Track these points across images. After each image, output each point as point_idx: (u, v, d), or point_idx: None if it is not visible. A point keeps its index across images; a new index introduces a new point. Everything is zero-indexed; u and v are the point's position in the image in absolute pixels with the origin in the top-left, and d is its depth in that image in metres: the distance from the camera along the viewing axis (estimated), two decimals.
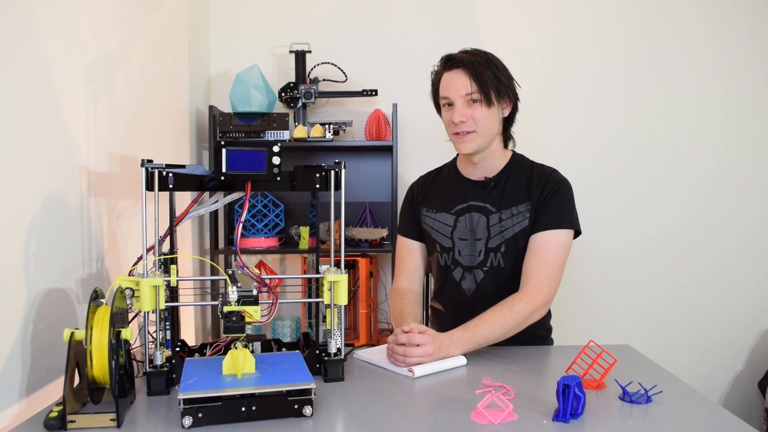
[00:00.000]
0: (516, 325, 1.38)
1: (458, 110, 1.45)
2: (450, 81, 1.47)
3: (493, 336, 1.36)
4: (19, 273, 1.14)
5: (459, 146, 1.50)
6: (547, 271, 1.43)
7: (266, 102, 2.34)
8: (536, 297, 1.41)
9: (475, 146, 1.48)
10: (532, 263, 1.45)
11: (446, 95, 1.48)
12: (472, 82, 1.44)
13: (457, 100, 1.46)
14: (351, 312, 2.48)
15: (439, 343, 1.29)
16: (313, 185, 1.24)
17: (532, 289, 1.42)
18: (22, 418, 1.08)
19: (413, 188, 1.68)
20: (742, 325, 2.62)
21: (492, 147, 1.53)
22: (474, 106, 1.46)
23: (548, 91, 2.57)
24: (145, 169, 1.12)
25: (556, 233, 1.46)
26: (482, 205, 1.54)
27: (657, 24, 2.56)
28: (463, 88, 1.45)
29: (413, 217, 1.65)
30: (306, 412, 1.00)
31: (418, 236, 1.65)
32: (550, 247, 1.45)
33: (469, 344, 1.33)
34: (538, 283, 1.42)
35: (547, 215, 1.47)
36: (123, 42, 1.63)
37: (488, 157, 1.54)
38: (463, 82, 1.45)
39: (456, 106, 1.46)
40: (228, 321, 1.03)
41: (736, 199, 2.60)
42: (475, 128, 1.46)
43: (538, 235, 1.47)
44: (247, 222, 2.41)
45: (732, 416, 1.01)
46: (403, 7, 2.57)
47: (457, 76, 1.46)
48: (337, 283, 1.20)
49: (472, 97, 1.45)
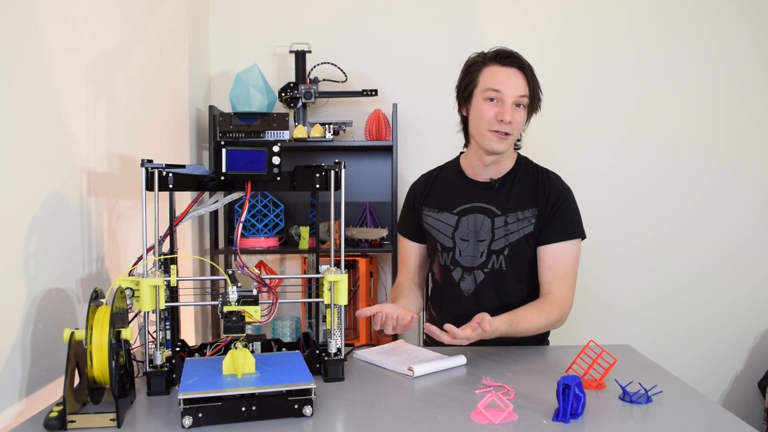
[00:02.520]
0: (543, 328, 1.43)
1: (509, 109, 1.44)
2: (507, 77, 1.45)
3: (521, 329, 1.38)
4: (19, 273, 1.14)
5: (493, 144, 1.47)
6: (566, 283, 1.48)
7: (266, 102, 2.34)
8: (564, 309, 1.47)
9: (506, 148, 1.49)
10: (552, 276, 1.48)
11: (499, 89, 1.44)
12: (526, 85, 1.45)
13: (509, 99, 1.44)
14: (351, 312, 2.48)
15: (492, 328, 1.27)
16: (313, 185, 1.24)
17: (560, 299, 1.46)
18: (22, 418, 1.09)
19: (414, 188, 1.68)
20: (742, 325, 2.62)
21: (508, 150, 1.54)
22: (519, 110, 1.46)
23: (548, 89, 2.55)
24: (145, 169, 1.12)
25: (569, 244, 1.49)
26: (487, 206, 1.53)
27: (657, 23, 2.56)
28: (519, 89, 1.44)
29: (413, 218, 1.65)
30: (306, 412, 1.00)
31: (417, 237, 1.65)
32: (566, 260, 1.49)
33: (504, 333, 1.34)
34: (562, 294, 1.47)
35: (558, 227, 1.49)
36: (123, 42, 1.63)
37: (501, 159, 1.54)
38: (520, 83, 1.45)
39: (506, 104, 1.44)
40: (228, 321, 1.03)
41: (737, 198, 2.60)
42: (513, 132, 1.47)
43: (551, 246, 1.48)
44: (247, 222, 2.41)
45: (732, 416, 1.01)
46: (403, 7, 2.57)
47: (515, 75, 1.45)
48: (337, 283, 1.20)
49: (523, 101, 1.45)
